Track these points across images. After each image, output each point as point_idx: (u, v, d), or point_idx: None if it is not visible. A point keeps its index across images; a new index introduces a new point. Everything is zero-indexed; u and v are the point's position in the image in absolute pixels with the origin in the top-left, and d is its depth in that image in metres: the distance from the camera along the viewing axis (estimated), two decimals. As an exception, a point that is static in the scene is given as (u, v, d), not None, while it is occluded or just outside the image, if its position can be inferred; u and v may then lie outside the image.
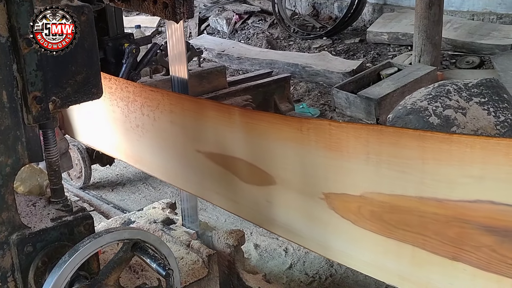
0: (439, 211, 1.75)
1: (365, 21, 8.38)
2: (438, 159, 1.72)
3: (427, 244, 1.80)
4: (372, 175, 1.88)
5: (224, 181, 2.40)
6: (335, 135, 1.95)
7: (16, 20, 1.47)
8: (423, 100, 4.09)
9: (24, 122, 1.58)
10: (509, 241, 1.62)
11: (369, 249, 1.97)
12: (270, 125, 2.15)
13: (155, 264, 1.67)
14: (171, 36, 2.47)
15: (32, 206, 1.80)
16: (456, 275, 1.76)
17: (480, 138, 1.64)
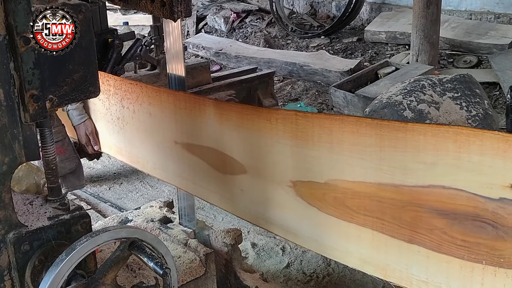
0: (396, 196, 1.83)
1: (363, 20, 8.38)
2: (394, 146, 1.80)
3: (385, 228, 1.89)
4: (335, 163, 1.97)
5: (200, 171, 2.47)
6: (301, 125, 2.03)
7: (13, 18, 1.46)
8: (398, 95, 4.23)
9: (21, 121, 1.57)
10: (458, 223, 1.70)
11: (333, 234, 2.05)
12: (241, 116, 2.23)
13: (152, 263, 1.66)
14: (169, 35, 2.47)
15: (29, 205, 1.79)
16: (411, 257, 1.84)
17: (431, 126, 1.74)
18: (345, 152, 1.93)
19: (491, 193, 1.63)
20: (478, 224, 1.67)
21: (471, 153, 1.65)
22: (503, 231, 1.63)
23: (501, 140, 1.59)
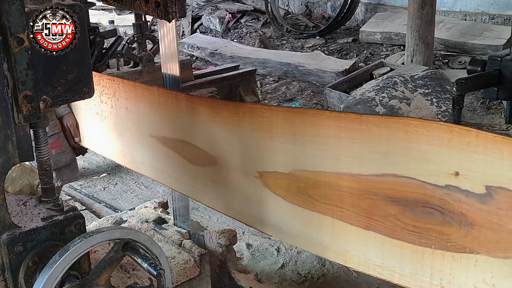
0: (353, 185, 1.91)
1: (358, 20, 8.39)
2: (351, 137, 1.89)
3: (344, 216, 1.97)
4: (298, 154, 2.05)
5: (174, 163, 2.56)
6: (266, 117, 2.12)
7: (6, 19, 1.46)
8: (371, 91, 4.39)
9: (15, 121, 1.57)
10: (410, 210, 1.79)
11: (296, 223, 2.14)
12: (211, 110, 2.32)
13: (146, 263, 1.66)
14: (164, 37, 2.48)
15: (23, 206, 1.79)
16: (368, 243, 1.92)
17: (384, 118, 1.85)
18: (307, 144, 2.01)
19: (438, 181, 1.71)
20: (427, 210, 1.75)
21: (420, 142, 1.73)
22: (449, 216, 1.72)
23: (446, 130, 1.68)
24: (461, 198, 1.68)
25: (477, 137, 1.62)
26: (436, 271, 1.79)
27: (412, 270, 1.84)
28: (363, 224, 1.92)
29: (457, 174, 1.68)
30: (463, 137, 1.65)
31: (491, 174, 1.62)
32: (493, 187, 1.62)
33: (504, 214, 1.61)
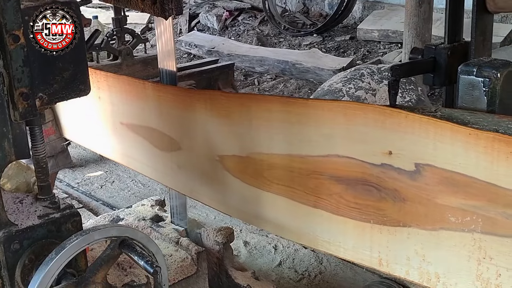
0: (302, 166, 2.05)
1: (356, 18, 8.39)
2: (300, 121, 2.02)
3: (295, 195, 2.10)
4: (254, 138, 2.18)
5: (144, 149, 2.69)
6: (225, 104, 2.25)
7: (2, 16, 1.46)
8: (338, 83, 4.51)
9: (11, 119, 1.57)
10: (351, 188, 1.93)
11: (254, 203, 2.27)
12: (175, 97, 2.44)
13: (142, 261, 1.66)
14: (161, 35, 2.48)
15: (19, 203, 1.79)
16: (316, 220, 2.06)
17: (327, 102, 2.01)
18: (262, 128, 2.15)
19: (374, 160, 1.84)
20: (366, 188, 1.89)
21: (358, 124, 1.87)
22: (385, 193, 1.84)
23: (380, 112, 1.81)
24: (395, 175, 1.81)
25: (407, 118, 1.75)
26: (375, 245, 1.92)
27: (355, 244, 1.97)
28: (311, 202, 2.05)
29: (391, 153, 1.81)
30: (394, 119, 1.78)
31: (419, 152, 1.74)
32: (421, 164, 1.74)
33: (431, 189, 1.74)
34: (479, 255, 1.69)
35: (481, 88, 1.99)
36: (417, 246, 1.82)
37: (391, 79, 2.12)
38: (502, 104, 1.96)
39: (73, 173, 4.94)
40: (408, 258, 1.86)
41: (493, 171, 1.61)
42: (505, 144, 1.57)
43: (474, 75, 2.00)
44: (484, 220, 1.65)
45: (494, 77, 1.96)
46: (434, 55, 2.28)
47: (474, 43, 2.28)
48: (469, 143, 1.64)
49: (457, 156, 1.67)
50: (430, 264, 1.82)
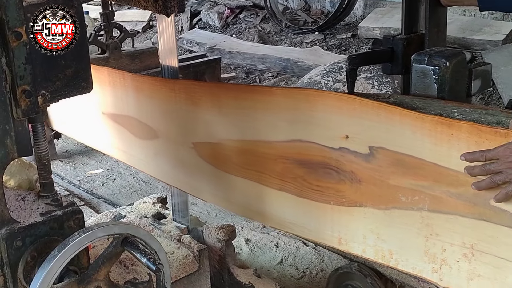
0: (269, 151, 2.16)
1: (357, 16, 8.38)
2: (265, 108, 2.13)
3: (262, 179, 2.21)
4: (224, 125, 2.30)
5: (123, 138, 2.83)
6: (198, 93, 2.36)
7: (4, 13, 1.45)
8: (317, 75, 4.73)
9: (13, 116, 1.56)
10: (314, 171, 2.04)
11: (226, 188, 2.39)
12: (152, 87, 2.53)
13: (145, 259, 1.66)
14: (163, 32, 2.48)
15: (21, 201, 1.79)
16: (282, 203, 2.18)
17: (290, 89, 2.20)
18: (230, 115, 2.27)
19: (333, 144, 1.96)
20: (326, 171, 2.00)
21: (318, 111, 1.98)
22: (343, 175, 1.96)
23: (337, 99, 1.94)
24: (352, 158, 1.93)
25: (361, 104, 1.87)
26: (335, 225, 2.04)
27: (317, 225, 2.09)
28: (277, 186, 2.17)
29: (347, 137, 1.92)
30: (350, 105, 1.90)
31: (372, 136, 1.86)
32: (374, 147, 1.86)
33: (384, 171, 1.86)
34: (427, 232, 1.81)
35: (432, 76, 2.09)
36: (372, 225, 1.94)
37: (349, 68, 2.25)
38: (452, 91, 2.08)
39: (75, 171, 4.94)
40: (365, 237, 1.97)
41: (437, 152, 1.72)
42: (447, 126, 1.68)
43: (426, 63, 2.11)
44: (431, 198, 1.77)
45: (443, 66, 2.07)
46: (392, 46, 2.39)
47: (429, 34, 2.40)
48: (416, 126, 1.75)
49: (406, 139, 1.79)
50: (384, 242, 1.93)
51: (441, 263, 1.81)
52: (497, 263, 1.68)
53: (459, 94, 2.12)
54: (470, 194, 1.68)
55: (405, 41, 2.37)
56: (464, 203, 1.71)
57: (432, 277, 1.85)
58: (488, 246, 1.69)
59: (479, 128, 1.64)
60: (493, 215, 1.66)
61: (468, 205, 1.70)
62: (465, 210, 1.71)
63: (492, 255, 1.69)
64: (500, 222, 1.64)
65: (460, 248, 1.75)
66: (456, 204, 1.73)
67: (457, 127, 1.67)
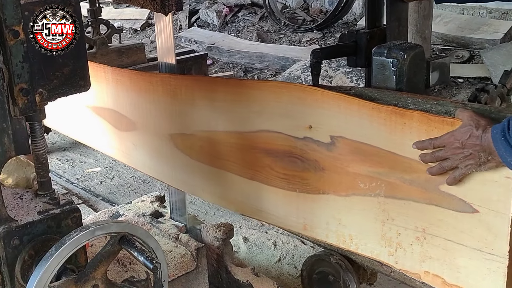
0: (240, 141, 2.24)
1: (356, 14, 8.38)
2: (235, 100, 2.22)
3: (234, 169, 2.30)
4: (198, 116, 2.37)
5: (105, 130, 2.91)
6: (173, 85, 2.42)
7: (1, 12, 1.45)
8: (297, 70, 4.88)
9: (11, 114, 1.56)
10: (280, 160, 2.13)
11: (200, 177, 2.47)
12: (131, 80, 2.59)
13: (142, 257, 1.66)
14: (161, 31, 2.48)
15: (19, 199, 1.78)
16: (252, 191, 2.26)
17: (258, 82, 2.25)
18: (204, 107, 2.33)
19: (298, 134, 2.04)
20: (292, 159, 2.08)
21: (284, 102, 2.06)
22: (307, 163, 2.04)
23: (301, 90, 2.02)
24: (315, 147, 2.01)
25: (322, 95, 1.95)
26: (300, 212, 2.12)
27: (284, 212, 2.18)
28: (248, 175, 2.25)
29: (311, 127, 2.00)
30: (312, 96, 1.98)
31: (333, 126, 1.95)
32: (335, 136, 1.95)
33: (344, 159, 1.94)
34: (383, 217, 1.90)
35: (391, 68, 2.15)
36: (334, 211, 2.03)
37: (313, 61, 2.33)
38: (409, 82, 2.14)
39: (73, 169, 4.94)
40: (327, 223, 2.06)
41: (392, 140, 1.81)
42: (400, 116, 1.77)
43: (385, 56, 2.16)
44: (386, 185, 1.86)
45: (401, 58, 2.13)
46: (356, 40, 2.48)
47: (390, 29, 2.48)
48: (373, 116, 1.84)
49: (364, 128, 1.87)
50: (345, 227, 2.02)
51: (396, 247, 1.90)
52: (446, 246, 1.77)
53: (417, 86, 2.18)
54: (421, 180, 1.76)
55: (368, 35, 2.45)
56: (417, 189, 1.79)
57: (388, 260, 1.94)
58: (438, 230, 1.78)
59: (429, 117, 1.72)
60: (442, 200, 1.74)
61: (420, 191, 1.78)
62: (417, 196, 1.79)
63: (441, 238, 1.78)
64: (448, 207, 1.73)
65: (413, 232, 1.84)
66: (409, 190, 1.81)
67: (409, 117, 1.76)
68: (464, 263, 1.75)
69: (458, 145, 1.63)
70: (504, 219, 1.63)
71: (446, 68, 2.36)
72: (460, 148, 1.63)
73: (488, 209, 1.66)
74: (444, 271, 1.80)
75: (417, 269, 1.87)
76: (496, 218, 1.64)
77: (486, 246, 1.68)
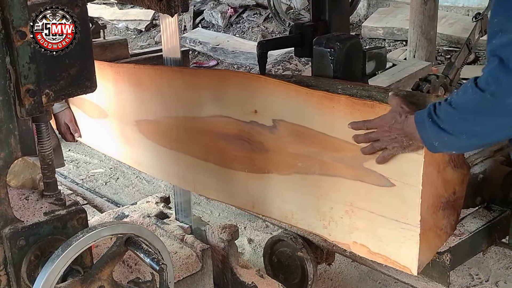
0: (197, 125, 2.41)
1: (360, 15, 8.38)
2: (193, 88, 2.38)
3: (190, 151, 2.49)
4: (161, 103, 2.54)
5: (79, 118, 3.11)
6: (138, 74, 2.61)
7: (9, 13, 1.45)
8: (269, 64, 4.91)
9: (17, 115, 1.56)
10: (231, 143, 2.31)
11: (163, 161, 2.65)
12: (100, 70, 2.56)
13: (148, 259, 1.66)
14: (166, 31, 2.47)
15: (25, 200, 1.79)
16: (207, 172, 2.46)
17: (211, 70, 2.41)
18: (164, 95, 2.51)
19: (245, 118, 2.23)
20: (241, 142, 2.27)
21: (233, 88, 2.25)
22: (254, 145, 2.24)
23: (248, 78, 2.24)
24: (260, 130, 2.20)
25: (266, 82, 2.15)
26: (250, 190, 2.32)
27: (236, 191, 2.37)
28: (203, 156, 2.44)
29: (256, 112, 2.18)
30: (257, 83, 2.18)
31: (275, 110, 2.13)
32: (277, 120, 2.13)
33: (285, 140, 2.13)
34: (318, 193, 2.09)
35: (328, 57, 2.31)
36: (277, 189, 2.22)
37: (259, 52, 2.49)
38: (346, 71, 2.31)
39: (78, 170, 4.94)
40: (272, 200, 2.25)
41: (323, 122, 2.00)
42: (330, 100, 1.96)
43: (323, 46, 2.32)
44: (320, 163, 2.05)
45: (338, 48, 2.29)
46: (301, 32, 2.62)
47: (332, 21, 2.64)
48: (307, 100, 2.03)
49: (300, 112, 2.06)
50: (287, 203, 2.21)
51: (329, 220, 2.10)
52: (369, 217, 1.97)
53: (354, 74, 2.35)
54: (348, 158, 1.96)
55: (312, 27, 2.61)
56: (345, 166, 1.98)
57: (323, 233, 2.13)
58: (363, 203, 1.98)
59: (353, 101, 1.91)
60: (365, 175, 1.93)
61: (348, 168, 1.98)
62: (346, 173, 1.99)
63: (366, 211, 1.97)
64: (371, 182, 1.92)
65: (343, 206, 2.03)
66: (339, 168, 2.00)
67: (337, 101, 1.95)
68: (385, 232, 1.93)
69: (386, 129, 1.79)
70: (415, 191, 1.81)
71: (383, 57, 2.52)
72: (387, 131, 1.79)
73: (403, 183, 1.84)
74: (369, 241, 1.99)
75: (347, 240, 2.06)
76: (409, 191, 1.83)
77: (402, 217, 1.87)
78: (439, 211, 1.94)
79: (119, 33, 9.54)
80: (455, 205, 2.01)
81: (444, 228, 1.99)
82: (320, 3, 2.63)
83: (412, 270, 1.91)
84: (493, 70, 1.56)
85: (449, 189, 1.96)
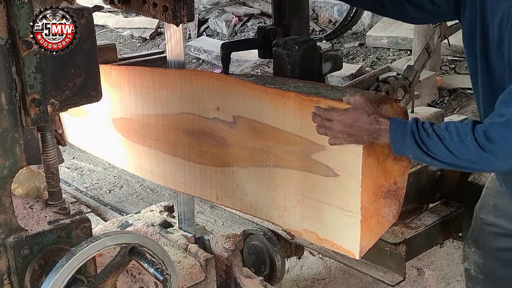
0: (166, 122, 2.55)
1: (365, 25, 8.39)
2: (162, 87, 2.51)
3: (162, 147, 2.61)
4: (133, 102, 2.68)
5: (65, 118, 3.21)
6: (113, 75, 2.75)
7: (15, 23, 1.46)
8: (248, 68, 5.33)
9: (23, 125, 1.57)
10: (196, 138, 2.44)
11: (136, 156, 2.80)
12: None
13: (152, 269, 1.65)
14: (170, 40, 2.48)
15: (29, 209, 1.79)
16: (176, 166, 2.58)
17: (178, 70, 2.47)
18: (137, 94, 2.64)
19: (209, 115, 2.36)
20: (205, 137, 2.40)
21: (198, 87, 2.37)
22: (216, 140, 2.36)
23: (210, 77, 2.36)
24: (222, 126, 2.33)
25: (226, 81, 2.29)
26: (213, 183, 2.44)
27: (201, 184, 2.50)
28: (171, 151, 2.57)
29: (218, 109, 2.32)
30: (219, 82, 2.31)
31: (234, 107, 2.27)
32: (236, 116, 2.27)
33: (243, 135, 2.26)
34: (273, 184, 2.22)
35: (286, 58, 2.43)
36: (238, 182, 2.34)
37: (223, 53, 2.59)
38: (303, 71, 2.42)
39: (82, 178, 4.95)
40: (234, 192, 2.38)
41: (276, 117, 2.13)
42: (281, 96, 2.10)
43: (281, 48, 2.44)
44: (274, 156, 2.18)
45: (294, 50, 2.41)
46: (263, 35, 2.73)
47: (291, 25, 2.75)
48: (262, 97, 2.16)
49: (256, 108, 2.19)
50: (247, 195, 2.34)
51: (283, 210, 2.22)
52: (317, 206, 2.09)
53: (312, 74, 2.45)
54: (298, 151, 2.09)
55: (273, 31, 2.71)
56: (295, 158, 2.11)
57: (278, 222, 2.26)
58: (312, 193, 2.10)
59: (301, 97, 2.04)
60: (313, 167, 2.06)
61: (298, 160, 2.11)
62: (296, 164, 2.12)
63: (314, 200, 2.10)
64: (318, 172, 2.05)
65: (295, 196, 2.16)
66: (290, 160, 2.13)
67: (288, 97, 2.08)
68: (331, 220, 2.06)
69: (346, 124, 1.86)
70: (356, 180, 1.93)
71: (339, 59, 2.62)
72: (346, 126, 1.86)
73: (345, 173, 1.97)
74: (317, 228, 2.12)
75: (299, 228, 2.18)
76: (351, 180, 1.95)
77: (345, 205, 1.99)
78: (380, 199, 2.03)
79: (124, 41, 9.57)
80: (397, 195, 2.09)
81: (385, 216, 2.08)
82: (281, 8, 2.76)
83: (354, 254, 2.03)
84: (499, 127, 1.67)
85: (389, 179, 2.04)
